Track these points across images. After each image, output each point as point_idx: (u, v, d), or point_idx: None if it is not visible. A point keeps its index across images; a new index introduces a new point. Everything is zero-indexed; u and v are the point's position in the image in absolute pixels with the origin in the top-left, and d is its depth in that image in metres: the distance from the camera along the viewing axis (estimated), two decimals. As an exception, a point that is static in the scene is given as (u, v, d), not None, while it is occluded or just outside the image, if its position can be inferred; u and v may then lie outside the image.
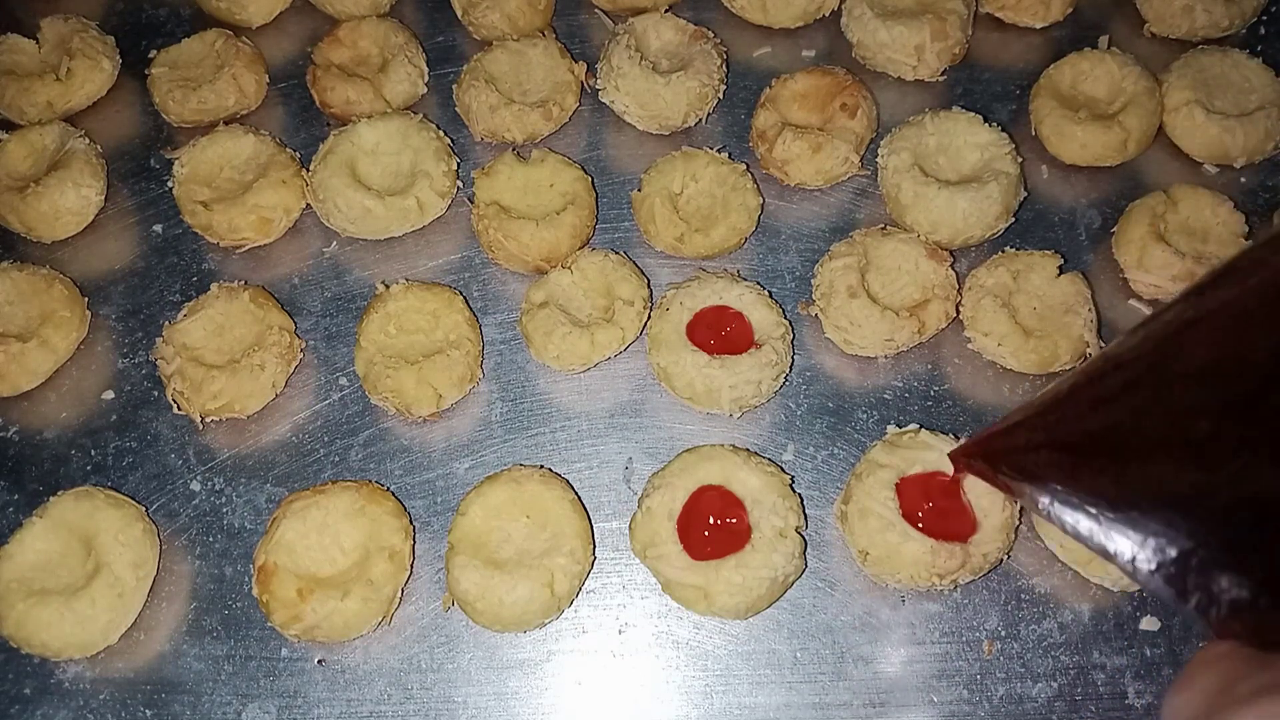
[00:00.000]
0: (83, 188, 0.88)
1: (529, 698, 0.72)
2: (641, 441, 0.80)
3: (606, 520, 0.77)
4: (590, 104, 0.95)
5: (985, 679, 0.71)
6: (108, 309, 0.87)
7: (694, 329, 0.79)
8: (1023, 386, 0.81)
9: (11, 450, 0.82)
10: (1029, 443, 0.59)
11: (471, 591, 0.70)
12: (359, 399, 0.82)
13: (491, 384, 0.83)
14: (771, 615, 0.73)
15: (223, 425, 0.81)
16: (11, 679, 0.73)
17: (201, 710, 0.72)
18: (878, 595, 0.74)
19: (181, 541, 0.77)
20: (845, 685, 0.71)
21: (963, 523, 0.71)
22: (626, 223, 0.89)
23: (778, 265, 0.87)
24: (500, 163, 0.87)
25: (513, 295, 0.86)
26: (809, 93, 0.91)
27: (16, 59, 0.97)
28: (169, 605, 0.75)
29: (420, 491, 0.79)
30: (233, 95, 0.94)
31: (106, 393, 0.84)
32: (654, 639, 0.73)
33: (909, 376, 0.81)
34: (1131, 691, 0.70)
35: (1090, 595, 0.73)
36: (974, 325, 0.80)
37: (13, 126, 0.94)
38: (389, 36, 0.96)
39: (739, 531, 0.71)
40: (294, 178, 0.88)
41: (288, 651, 0.73)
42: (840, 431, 0.80)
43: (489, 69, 0.93)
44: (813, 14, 0.97)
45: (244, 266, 0.89)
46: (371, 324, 0.81)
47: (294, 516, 0.73)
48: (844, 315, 0.79)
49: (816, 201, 0.90)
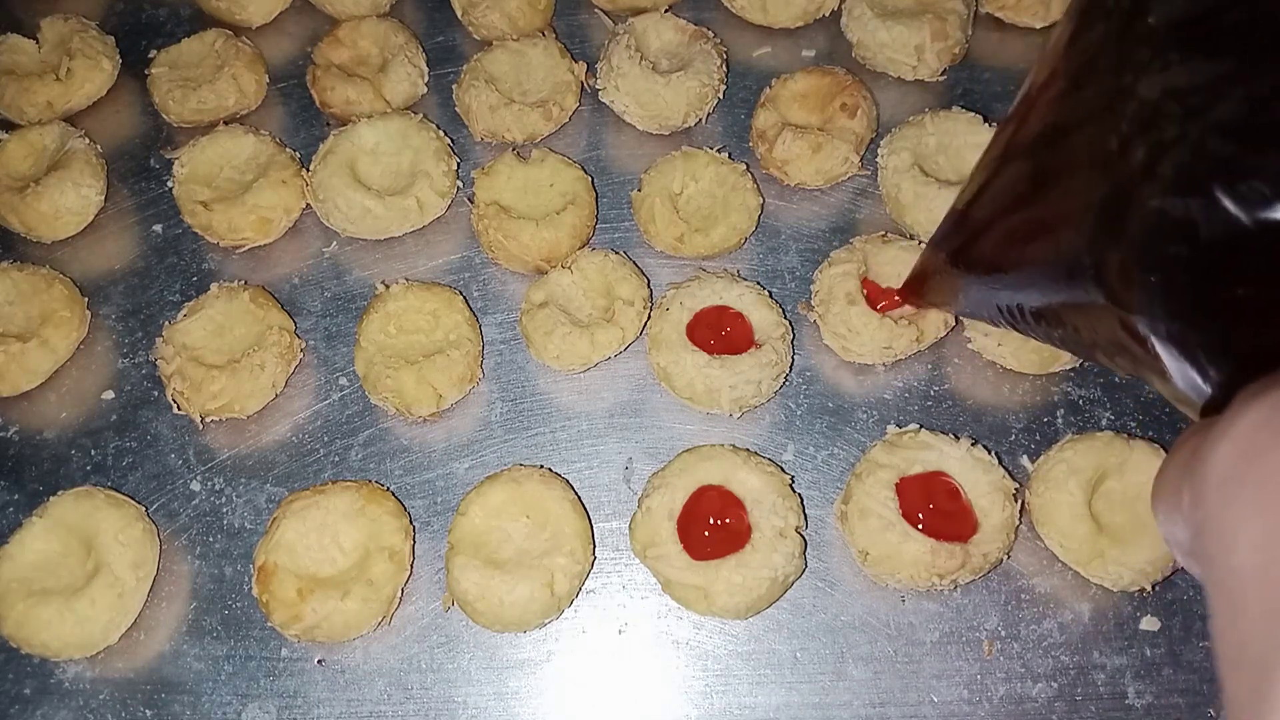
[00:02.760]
0: (83, 188, 0.88)
1: (529, 698, 0.72)
2: (641, 441, 0.80)
3: (606, 520, 0.77)
4: (590, 104, 0.95)
5: (985, 679, 0.71)
6: (108, 309, 0.87)
7: (694, 329, 0.79)
8: (1023, 386, 0.81)
9: (11, 450, 0.82)
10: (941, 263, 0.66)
11: (471, 591, 0.70)
12: (359, 399, 0.82)
13: (491, 384, 0.83)
14: (771, 615, 0.73)
15: (223, 425, 0.81)
16: (11, 679, 0.73)
17: (201, 710, 0.72)
18: (878, 595, 0.74)
19: (181, 541, 0.78)
20: (845, 685, 0.71)
21: (963, 523, 0.71)
22: (626, 223, 0.89)
23: (778, 265, 0.87)
24: (500, 163, 0.87)
25: (513, 295, 0.86)
26: (809, 93, 0.91)
27: (16, 59, 0.97)
28: (169, 605, 0.75)
29: (420, 491, 0.79)
30: (233, 95, 0.94)
31: (106, 393, 0.84)
32: (654, 639, 0.73)
33: (909, 376, 0.81)
34: (1131, 691, 0.70)
35: (1090, 595, 0.73)
36: (974, 325, 0.80)
37: (13, 126, 0.94)
38: (389, 36, 0.96)
39: (739, 531, 0.71)
40: (294, 178, 0.88)
41: (288, 651, 0.73)
42: (840, 431, 0.80)
43: (489, 69, 0.93)
44: (813, 14, 0.97)
45: (244, 266, 0.89)
46: (371, 324, 0.81)
47: (294, 516, 0.73)
48: (842, 323, 0.79)
49: (816, 201, 0.90)
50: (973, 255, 0.60)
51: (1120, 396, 0.80)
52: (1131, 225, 0.40)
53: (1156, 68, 0.40)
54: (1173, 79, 0.39)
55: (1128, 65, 0.42)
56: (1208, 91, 0.37)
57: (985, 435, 0.78)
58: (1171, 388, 0.42)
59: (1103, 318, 0.44)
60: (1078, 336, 0.49)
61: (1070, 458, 0.72)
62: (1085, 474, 0.72)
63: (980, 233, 0.59)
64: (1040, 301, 0.51)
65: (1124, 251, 0.41)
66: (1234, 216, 0.35)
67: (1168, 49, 0.40)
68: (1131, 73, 0.41)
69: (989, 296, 0.59)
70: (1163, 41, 0.40)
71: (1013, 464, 0.77)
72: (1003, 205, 0.55)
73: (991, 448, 0.74)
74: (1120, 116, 0.41)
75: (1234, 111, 0.36)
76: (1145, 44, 0.41)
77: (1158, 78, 0.40)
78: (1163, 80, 0.39)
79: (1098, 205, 0.43)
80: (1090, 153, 0.44)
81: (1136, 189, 0.39)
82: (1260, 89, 0.36)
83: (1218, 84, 0.37)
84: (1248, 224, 0.35)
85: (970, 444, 0.73)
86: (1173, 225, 0.37)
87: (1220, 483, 0.31)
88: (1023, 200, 0.52)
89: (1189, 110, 0.38)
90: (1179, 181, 0.37)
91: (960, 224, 0.62)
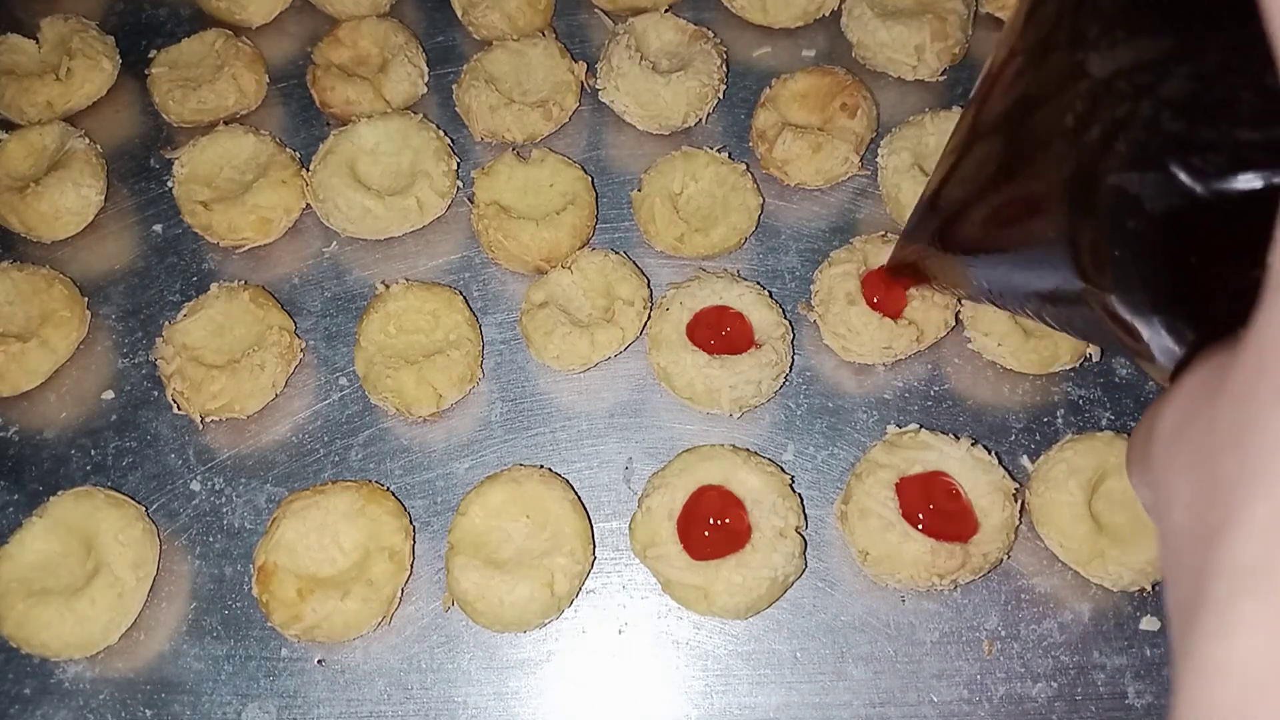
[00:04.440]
0: (83, 188, 0.88)
1: (529, 698, 0.72)
2: (641, 441, 0.80)
3: (606, 520, 0.77)
4: (590, 104, 0.95)
5: (985, 679, 0.71)
6: (108, 309, 0.87)
7: (694, 329, 0.79)
8: (1023, 386, 0.81)
9: (11, 450, 0.82)
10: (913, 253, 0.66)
11: (471, 591, 0.70)
12: (359, 399, 0.82)
13: (491, 384, 0.83)
14: (771, 615, 0.73)
15: (223, 425, 0.81)
16: (11, 679, 0.73)
17: (201, 710, 0.72)
18: (878, 595, 0.74)
19: (181, 541, 0.78)
20: (845, 685, 0.71)
21: (963, 523, 0.71)
22: (626, 223, 0.89)
23: (778, 265, 0.87)
24: (500, 163, 0.87)
25: (513, 295, 0.86)
26: (809, 93, 0.91)
27: (16, 59, 0.97)
28: (169, 605, 0.75)
29: (420, 491, 0.79)
30: (233, 95, 0.94)
31: (106, 393, 0.84)
32: (654, 639, 0.73)
33: (909, 376, 0.81)
34: (1131, 691, 0.70)
35: (1090, 595, 0.73)
36: (974, 325, 0.80)
37: (13, 126, 0.93)
38: (389, 36, 0.96)
39: (739, 531, 0.71)
40: (294, 178, 0.88)
41: (288, 651, 0.73)
42: (840, 431, 0.80)
43: (489, 69, 0.93)
44: (813, 14, 0.97)
45: (244, 266, 0.89)
46: (371, 324, 0.81)
47: (294, 516, 0.73)
48: (842, 323, 0.79)
49: (816, 201, 0.90)
50: (946, 240, 0.60)
51: (1120, 396, 0.80)
52: (1095, 203, 0.41)
53: (1105, 45, 0.41)
54: (1121, 56, 0.40)
55: (1079, 42, 0.43)
56: (1154, 69, 0.38)
57: (985, 435, 0.78)
58: (1158, 369, 0.42)
59: (1082, 296, 0.45)
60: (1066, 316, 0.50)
61: (1070, 458, 0.72)
62: (1085, 474, 0.72)
63: (950, 220, 0.59)
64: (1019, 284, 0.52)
65: (1092, 230, 0.42)
66: (1189, 188, 0.36)
67: (1114, 26, 0.41)
68: (1082, 50, 0.42)
69: (969, 276, 0.59)
70: (1109, 19, 0.41)
71: (1013, 464, 0.77)
72: (973, 188, 0.56)
73: (991, 448, 0.74)
74: (1075, 95, 0.42)
75: (1182, 88, 0.37)
76: (1094, 21, 0.42)
77: (1108, 55, 0.41)
78: (1112, 58, 0.40)
79: (1064, 184, 0.43)
80: (1054, 129, 0.45)
81: (1097, 166, 0.40)
82: (1206, 66, 0.37)
83: (1163, 61, 0.38)
84: (1204, 194, 0.36)
85: (970, 444, 0.73)
86: (1131, 200, 0.38)
87: (1164, 444, 0.32)
88: (992, 182, 0.53)
89: (1138, 88, 0.38)
90: (1134, 158, 0.38)
91: (930, 213, 0.63)
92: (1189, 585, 0.28)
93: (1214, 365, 0.31)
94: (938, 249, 0.62)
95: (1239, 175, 0.35)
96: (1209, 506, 0.28)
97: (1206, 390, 0.30)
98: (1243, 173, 0.35)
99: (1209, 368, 0.31)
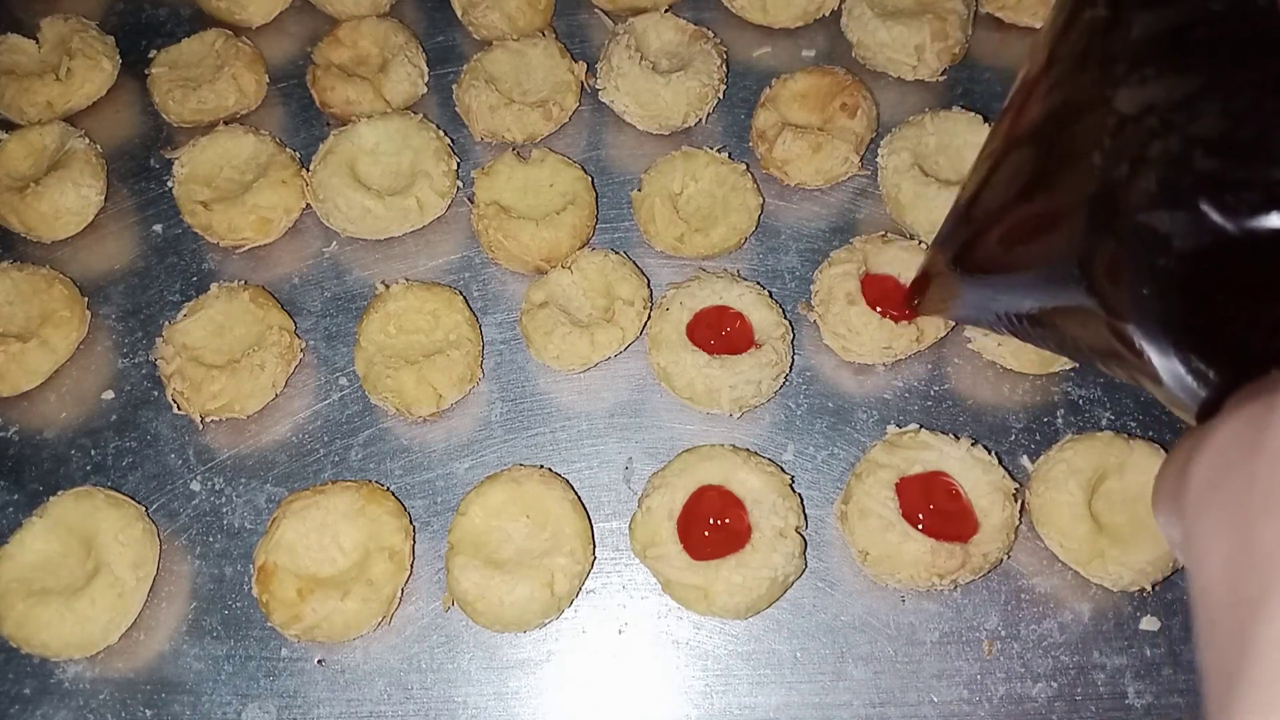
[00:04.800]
0: (83, 188, 0.88)
1: (529, 698, 0.72)
2: (641, 441, 0.80)
3: (606, 520, 0.77)
4: (590, 104, 0.95)
5: (985, 679, 0.71)
6: (108, 309, 0.87)
7: (694, 329, 0.79)
8: (1023, 386, 0.81)
9: (11, 450, 0.82)
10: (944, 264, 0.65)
11: (471, 591, 0.70)
12: (359, 399, 0.82)
13: (491, 384, 0.83)
14: (771, 615, 0.73)
15: (223, 425, 0.81)
16: (11, 679, 0.73)
17: (201, 710, 0.72)
18: (878, 595, 0.74)
19: (181, 541, 0.78)
20: (845, 685, 0.71)
21: (963, 523, 0.71)
22: (626, 223, 0.89)
23: (778, 265, 0.87)
24: (500, 163, 0.87)
25: (513, 295, 0.86)
26: (809, 93, 0.91)
27: (16, 59, 0.97)
28: (169, 605, 0.75)
29: (420, 491, 0.79)
30: (233, 95, 0.94)
31: (106, 393, 0.84)
32: (654, 639, 0.73)
33: (909, 376, 0.81)
34: (1131, 691, 0.70)
35: (1090, 595, 0.73)
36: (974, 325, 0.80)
37: (13, 126, 0.93)
38: (389, 36, 0.96)
39: (739, 531, 0.71)
40: (294, 178, 0.88)
41: (288, 651, 0.73)
42: (840, 431, 0.80)
43: (489, 69, 0.93)
44: (813, 14, 0.97)
45: (244, 266, 0.89)
46: (371, 324, 0.81)
47: (294, 516, 0.73)
48: (842, 323, 0.79)
49: (816, 201, 0.90)
50: (975, 254, 0.60)
51: (1120, 396, 0.80)
52: (1119, 236, 0.41)
53: (1135, 82, 0.41)
54: (1150, 94, 0.40)
55: (1108, 79, 0.43)
56: (1184, 107, 0.38)
57: (985, 435, 0.78)
58: (1165, 392, 0.42)
59: (1097, 324, 0.45)
60: (1074, 342, 0.50)
61: (1070, 458, 0.72)
62: (1085, 474, 0.72)
63: (983, 230, 0.59)
64: (1037, 307, 0.52)
65: (1113, 261, 0.42)
66: (1221, 227, 0.36)
67: (1143, 63, 0.41)
68: (1110, 86, 0.42)
69: (988, 302, 0.59)
70: (1138, 55, 0.41)
71: (1013, 464, 0.77)
72: (1005, 199, 0.55)
73: (991, 448, 0.74)
74: (1104, 131, 0.42)
75: (1213, 126, 0.37)
76: (1123, 53, 0.42)
77: (1136, 92, 0.41)
78: (1141, 95, 0.40)
79: (1087, 210, 0.43)
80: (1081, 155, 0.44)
81: (1123, 199, 0.40)
82: (1237, 104, 0.37)
83: (1193, 99, 0.38)
84: (1235, 233, 0.36)
85: (970, 444, 0.73)
86: (1160, 239, 0.38)
87: (1197, 495, 0.32)
88: (1025, 193, 0.53)
89: (1167, 125, 0.38)
90: (1164, 196, 0.38)
91: (964, 221, 0.62)
92: (1229, 654, 0.28)
93: (1250, 418, 0.31)
94: (959, 270, 0.62)
95: (1272, 213, 0.35)
96: (1246, 574, 0.28)
97: (1242, 444, 0.30)
98: (1276, 211, 0.35)
99: (1245, 420, 0.31)
